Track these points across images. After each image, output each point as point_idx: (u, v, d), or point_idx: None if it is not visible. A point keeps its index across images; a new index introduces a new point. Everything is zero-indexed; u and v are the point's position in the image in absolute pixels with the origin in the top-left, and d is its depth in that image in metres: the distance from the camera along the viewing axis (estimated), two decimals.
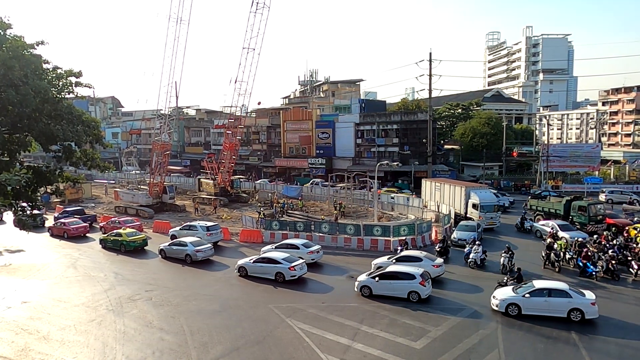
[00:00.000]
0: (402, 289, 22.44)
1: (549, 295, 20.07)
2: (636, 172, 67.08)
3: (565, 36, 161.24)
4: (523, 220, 37.80)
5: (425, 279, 22.58)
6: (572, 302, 19.69)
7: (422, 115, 65.60)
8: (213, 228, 35.41)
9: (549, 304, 19.91)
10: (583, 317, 19.39)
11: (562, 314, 19.67)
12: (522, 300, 20.25)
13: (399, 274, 22.98)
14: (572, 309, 19.56)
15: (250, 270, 26.77)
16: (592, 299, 19.78)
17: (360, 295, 23.24)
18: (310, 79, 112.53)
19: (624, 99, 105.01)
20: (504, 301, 20.59)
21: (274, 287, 25.07)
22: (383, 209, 46.90)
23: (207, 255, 30.78)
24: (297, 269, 25.97)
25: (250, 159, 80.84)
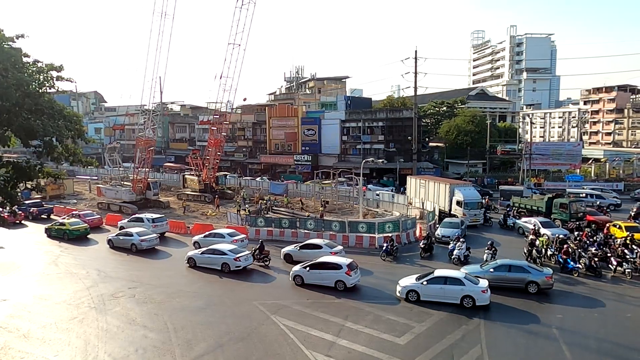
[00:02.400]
0: (330, 278, 23.65)
1: (445, 283, 21.49)
2: (616, 170, 68.43)
3: (548, 36, 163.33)
4: (506, 217, 38.29)
5: (351, 268, 23.68)
6: (464, 289, 20.99)
7: (407, 112, 65.95)
8: (158, 220, 37.15)
9: (444, 291, 21.33)
10: (474, 304, 20.70)
11: (455, 301, 20.99)
12: (421, 287, 21.68)
13: (327, 263, 24.16)
14: (465, 296, 20.89)
15: (199, 261, 27.89)
16: (483, 287, 21.09)
17: (294, 284, 24.43)
18: (296, 75, 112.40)
19: (605, 98, 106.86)
20: (405, 288, 22.00)
21: (259, 283, 25.04)
22: (368, 206, 47.08)
23: (151, 244, 32.54)
24: (242, 259, 27.10)
25: (236, 155, 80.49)
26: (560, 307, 21.30)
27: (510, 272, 23.15)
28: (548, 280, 22.70)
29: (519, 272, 23.05)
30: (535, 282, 22.63)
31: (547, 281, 22.70)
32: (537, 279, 22.70)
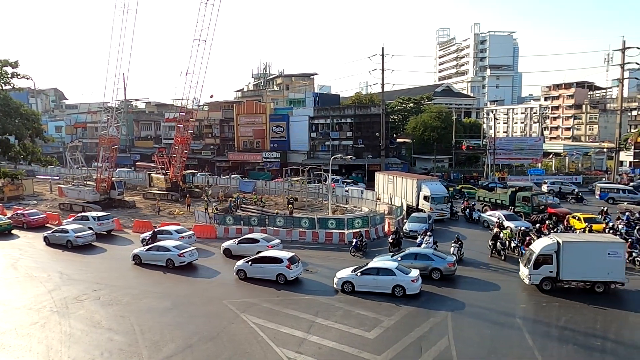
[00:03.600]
0: (272, 271, 24.39)
1: (378, 274, 22.45)
2: (575, 164, 70.97)
3: (510, 34, 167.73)
4: (471, 211, 39.14)
5: (292, 262, 24.46)
6: (395, 279, 21.98)
7: (375, 109, 66.46)
8: (104, 218, 37.10)
9: (377, 281, 22.32)
10: (404, 293, 21.70)
11: (387, 290, 21.95)
12: (355, 278, 22.58)
13: (269, 257, 24.99)
14: (396, 285, 21.87)
15: (144, 258, 28.25)
16: (413, 277, 22.13)
17: (238, 278, 25.05)
18: (263, 72, 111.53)
19: (565, 94, 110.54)
20: (341, 279, 22.86)
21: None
22: (338, 202, 47.30)
23: (87, 241, 32.85)
24: (187, 255, 27.60)
25: (203, 153, 79.38)
26: (523, 298, 21.96)
27: (416, 260, 24.54)
28: (450, 267, 24.46)
29: (423, 260, 24.56)
30: (438, 269, 24.27)
31: (449, 268, 24.44)
32: (439, 266, 24.35)
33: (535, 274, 22.56)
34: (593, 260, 21.94)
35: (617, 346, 17.30)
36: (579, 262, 22.04)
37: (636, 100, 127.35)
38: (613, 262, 21.71)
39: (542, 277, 22.47)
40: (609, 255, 21.75)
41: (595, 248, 22.39)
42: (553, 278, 22.43)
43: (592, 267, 21.92)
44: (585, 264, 21.97)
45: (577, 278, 22.42)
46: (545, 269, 22.39)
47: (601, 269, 21.79)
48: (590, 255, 22.18)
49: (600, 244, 22.70)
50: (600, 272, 21.84)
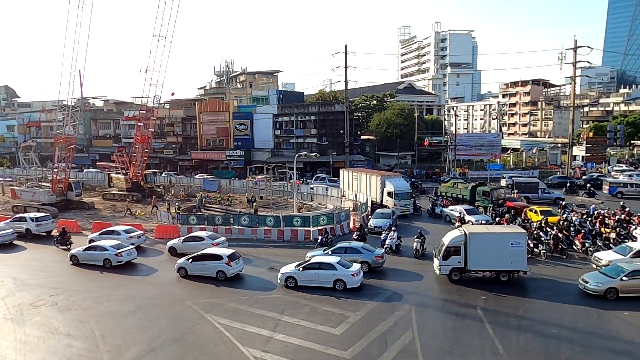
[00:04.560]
0: (212, 268, 24.65)
1: (319, 269, 22.87)
2: (531, 159, 73.50)
3: (469, 32, 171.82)
4: (434, 206, 39.93)
5: (232, 259, 24.71)
6: (336, 274, 22.45)
7: (339, 106, 66.84)
8: (42, 219, 36.44)
9: (318, 275, 22.75)
10: (345, 287, 22.18)
11: (328, 284, 22.40)
12: (298, 273, 23.01)
13: (209, 255, 25.20)
14: (337, 280, 22.34)
15: (81, 258, 28.10)
16: (353, 271, 22.61)
17: (179, 276, 25.28)
18: (226, 69, 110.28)
19: (521, 91, 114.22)
20: (284, 275, 23.26)
21: None
22: (303, 200, 47.31)
23: (6, 239, 32.87)
24: (124, 254, 27.64)
25: (165, 152, 77.81)
26: (482, 290, 22.55)
27: (345, 254, 25.07)
28: (377, 259, 25.30)
29: (353, 253, 25.21)
30: (366, 262, 24.88)
31: (377, 260, 25.28)
32: (367, 259, 25.02)
33: (444, 264, 23.52)
34: (497, 250, 22.95)
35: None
36: (485, 252, 23.07)
37: (588, 97, 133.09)
38: (516, 252, 22.77)
39: (451, 267, 23.45)
40: (512, 246, 22.81)
41: (499, 239, 23.43)
42: (461, 268, 23.38)
43: (497, 257, 22.93)
44: (491, 254, 23.00)
45: (483, 268, 23.48)
46: (454, 260, 23.35)
47: (505, 259, 22.81)
48: (495, 246, 23.17)
49: (504, 235, 23.79)
50: (504, 262, 22.88)
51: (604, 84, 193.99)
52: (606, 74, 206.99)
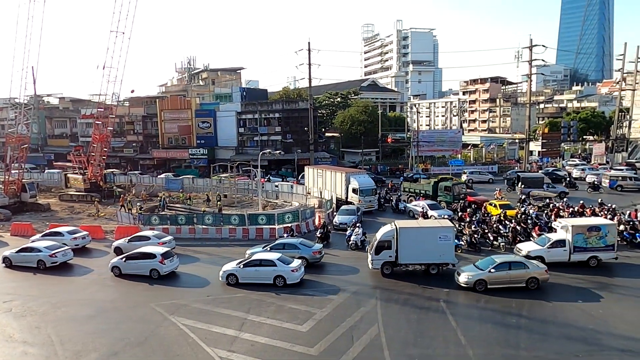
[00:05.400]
0: (145, 267, 24.73)
1: (259, 265, 23.18)
2: (491, 154, 75.60)
3: (430, 30, 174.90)
4: (398, 202, 40.50)
5: (166, 257, 24.90)
6: (276, 270, 22.73)
7: (303, 103, 66.79)
8: None
9: (259, 272, 23.03)
10: (285, 283, 22.55)
11: (269, 281, 22.71)
12: (238, 271, 23.15)
13: (143, 254, 25.32)
14: (277, 276, 22.63)
15: (14, 260, 27.64)
16: (293, 267, 22.91)
17: (113, 275, 25.21)
18: (188, 66, 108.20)
19: (480, 89, 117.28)
20: (225, 272, 23.33)
21: (150, 284, 23.91)
22: (267, 198, 47.09)
23: None
24: (59, 255, 27.29)
25: (125, 150, 75.78)
26: (446, 282, 23.05)
27: (284, 250, 25.56)
28: (315, 255, 25.74)
29: (291, 249, 25.63)
30: (304, 257, 25.25)
31: (314, 255, 25.71)
32: (305, 255, 25.47)
33: (376, 259, 24.11)
34: (426, 244, 23.68)
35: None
36: (414, 246, 23.76)
37: (543, 94, 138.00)
38: (444, 246, 23.58)
39: (382, 261, 24.03)
40: (440, 239, 23.60)
41: (428, 233, 24.18)
42: (392, 262, 24.00)
43: (426, 251, 23.65)
44: (420, 248, 23.72)
45: (413, 261, 24.17)
46: (385, 254, 23.96)
47: (434, 252, 23.57)
48: (424, 239, 23.91)
49: (432, 229, 24.55)
50: (433, 255, 23.62)
51: (558, 82, 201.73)
52: (560, 72, 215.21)
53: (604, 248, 24.60)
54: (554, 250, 24.67)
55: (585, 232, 24.62)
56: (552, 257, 24.51)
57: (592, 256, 24.57)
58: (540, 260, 24.21)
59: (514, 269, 21.55)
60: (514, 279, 21.45)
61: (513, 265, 21.76)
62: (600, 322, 18.19)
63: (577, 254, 24.64)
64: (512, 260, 22.31)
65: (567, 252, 24.67)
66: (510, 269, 21.55)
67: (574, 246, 24.63)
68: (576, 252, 24.64)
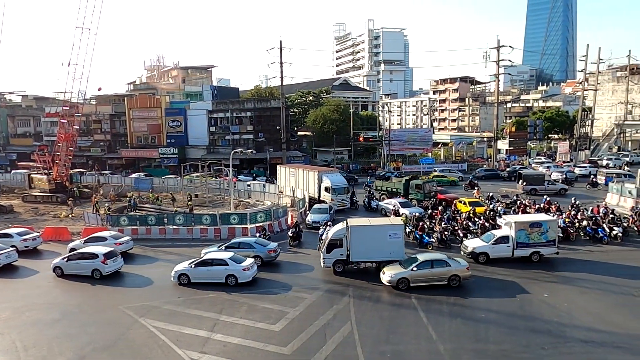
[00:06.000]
0: (87, 267, 24.70)
1: (211, 264, 23.21)
2: (460, 152, 77.04)
3: (401, 30, 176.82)
4: (370, 200, 40.80)
5: (108, 257, 24.87)
6: (228, 269, 22.82)
7: (275, 102, 66.58)
8: None
9: (210, 272, 23.05)
10: (237, 282, 22.60)
11: (221, 280, 22.78)
12: (190, 270, 23.13)
13: (85, 254, 25.34)
14: (229, 275, 22.68)
15: None
16: (245, 266, 22.90)
17: (55, 275, 25.06)
18: (157, 64, 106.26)
19: (450, 88, 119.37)
20: (177, 272, 23.32)
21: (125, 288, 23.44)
22: (240, 197, 46.74)
23: None
24: (3, 257, 26.78)
25: (92, 150, 73.96)
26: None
27: (239, 248, 25.73)
28: (270, 253, 26.01)
29: (246, 248, 25.85)
30: (259, 256, 25.50)
31: (269, 254, 25.99)
32: (260, 253, 25.72)
33: (328, 257, 24.32)
34: (377, 242, 24.01)
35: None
36: (365, 244, 24.07)
37: (510, 94, 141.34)
38: (394, 243, 23.93)
39: (334, 259, 24.26)
40: (390, 237, 23.97)
41: (378, 231, 24.52)
42: (344, 260, 24.28)
43: (377, 249, 23.94)
44: (371, 246, 24.03)
45: (364, 259, 24.45)
46: (337, 252, 24.19)
47: (384, 250, 23.84)
48: (374, 237, 24.25)
49: (383, 227, 24.86)
50: (383, 253, 23.76)
51: (524, 82, 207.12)
52: (526, 72, 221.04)
53: (546, 243, 25.25)
54: (497, 246, 25.24)
55: (528, 228, 25.19)
56: (496, 253, 25.16)
57: (534, 251, 25.20)
58: (485, 256, 25.03)
59: (436, 267, 21.85)
60: (437, 277, 21.75)
61: (435, 263, 22.03)
62: (564, 315, 18.78)
63: (520, 249, 25.22)
64: (434, 258, 22.55)
65: (510, 248, 25.21)
66: (433, 267, 21.85)
67: (517, 242, 25.17)
68: (519, 248, 25.21)
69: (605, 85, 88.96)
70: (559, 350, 16.01)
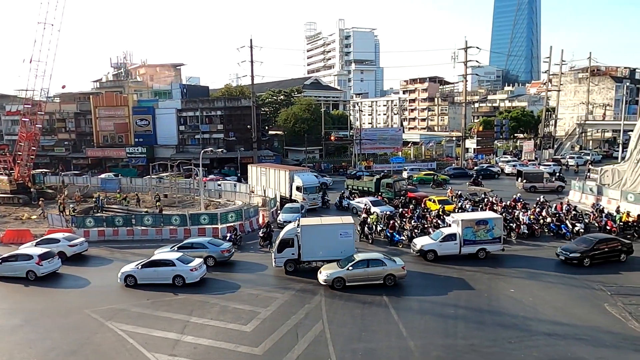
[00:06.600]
0: (20, 268, 24.42)
1: (158, 265, 23.09)
2: (430, 151, 78.20)
3: (372, 30, 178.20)
4: (341, 199, 40.97)
5: (44, 258, 24.63)
6: (175, 270, 22.73)
7: (246, 101, 66.07)
8: None
9: (157, 272, 22.94)
10: (184, 282, 22.53)
11: (168, 281, 22.68)
12: (137, 272, 22.99)
13: (19, 255, 25.05)
14: (176, 276, 22.64)
15: None
16: (192, 266, 22.90)
17: None
18: (124, 61, 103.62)
19: (420, 88, 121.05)
20: (123, 274, 23.12)
21: None
22: (210, 197, 46.20)
23: None
24: None
25: (56, 149, 71.79)
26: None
27: (192, 249, 25.80)
28: (223, 253, 26.00)
29: (199, 249, 25.86)
30: (212, 256, 25.68)
31: (222, 254, 25.98)
32: (213, 254, 25.76)
33: (279, 257, 24.44)
34: (328, 241, 24.21)
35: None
36: (316, 243, 24.26)
37: (478, 94, 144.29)
38: (345, 242, 24.24)
39: (285, 259, 24.40)
40: (341, 236, 24.29)
41: (329, 230, 24.75)
42: (295, 260, 24.44)
43: (328, 248, 24.10)
44: (322, 245, 24.23)
45: (315, 258, 24.45)
46: (288, 252, 24.34)
47: (335, 249, 24.00)
48: (325, 236, 24.43)
49: (333, 226, 25.07)
50: (334, 252, 23.77)
51: (491, 82, 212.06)
52: (493, 72, 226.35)
53: (492, 240, 25.87)
54: (445, 243, 25.72)
55: (474, 225, 25.76)
56: (444, 251, 25.66)
57: (480, 248, 25.77)
58: (433, 253, 25.48)
59: (372, 267, 21.98)
60: (372, 276, 21.89)
61: (371, 262, 22.15)
62: (529, 309, 19.30)
63: (467, 246, 25.74)
64: (370, 258, 22.61)
65: (457, 245, 25.71)
66: (369, 266, 22.00)
67: (463, 239, 25.71)
68: (466, 245, 25.73)
69: (567, 86, 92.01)
70: (524, 344, 16.44)
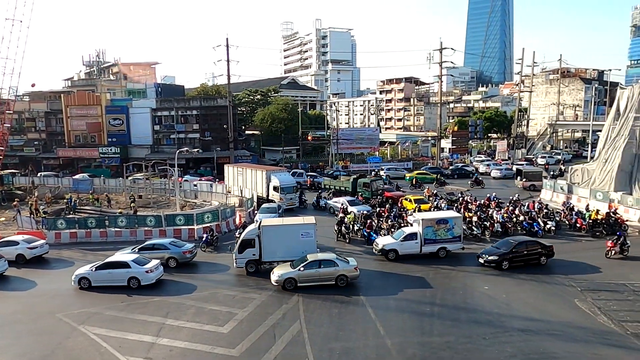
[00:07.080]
0: None
1: (113, 267, 22.86)
2: (406, 151, 79.00)
3: (348, 30, 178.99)
4: (319, 199, 41.03)
5: None
6: (130, 271, 22.59)
7: (222, 100, 65.54)
8: None
9: (112, 274, 22.65)
10: (140, 284, 22.43)
11: (123, 283, 22.48)
12: (91, 274, 22.76)
13: None
14: (131, 277, 22.46)
15: None
16: (148, 268, 22.76)
17: None
18: (97, 59, 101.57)
19: (396, 88, 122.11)
20: (77, 276, 22.87)
21: None
22: (186, 197, 45.68)
23: None
24: None
25: (26, 150, 69.94)
26: (364, 275, 23.64)
27: (153, 250, 25.62)
28: (185, 254, 25.86)
29: (160, 250, 25.72)
30: (173, 257, 25.57)
31: (184, 255, 25.84)
32: (175, 255, 25.67)
33: (240, 257, 24.43)
34: (289, 241, 24.33)
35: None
36: (277, 244, 24.39)
37: (453, 94, 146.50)
38: (306, 242, 24.38)
39: (246, 260, 24.44)
40: (302, 236, 24.48)
41: (290, 230, 24.94)
42: (256, 260, 24.51)
43: (289, 248, 24.15)
44: (283, 245, 24.34)
45: (276, 259, 24.38)
46: (249, 253, 24.33)
47: (296, 249, 23.98)
48: (286, 237, 24.57)
49: (294, 226, 25.30)
50: (295, 252, 23.57)
51: (465, 83, 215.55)
52: (467, 73, 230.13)
53: (452, 239, 26.30)
54: (406, 243, 25.99)
55: (434, 224, 26.15)
56: (405, 250, 25.91)
57: (441, 247, 26.15)
58: (394, 253, 25.68)
59: (324, 267, 22.03)
60: (324, 277, 21.92)
61: (323, 263, 22.18)
62: (503, 305, 19.70)
63: (428, 245, 26.07)
64: (322, 258, 22.59)
65: (418, 244, 26.01)
66: (320, 267, 22.05)
67: (424, 239, 26.04)
68: (427, 244, 26.06)
69: (539, 87, 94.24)
70: (499, 340, 16.75)
